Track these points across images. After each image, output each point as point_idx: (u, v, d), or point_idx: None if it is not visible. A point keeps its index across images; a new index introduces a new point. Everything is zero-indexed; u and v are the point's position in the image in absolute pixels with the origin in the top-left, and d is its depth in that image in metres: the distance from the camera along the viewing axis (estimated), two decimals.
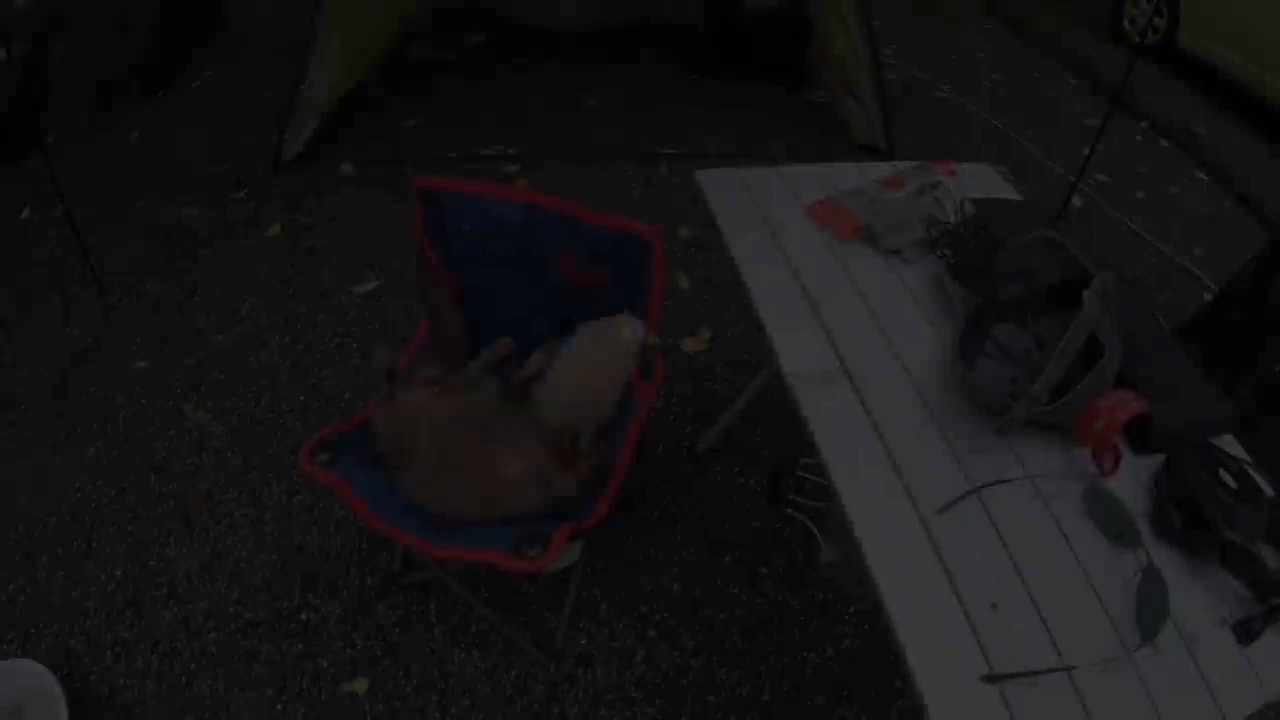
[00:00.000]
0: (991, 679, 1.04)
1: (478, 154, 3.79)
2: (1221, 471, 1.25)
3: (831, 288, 1.66)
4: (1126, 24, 5.77)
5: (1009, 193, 1.95)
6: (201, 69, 4.75)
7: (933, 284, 1.67)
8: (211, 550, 2.34)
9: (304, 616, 2.19)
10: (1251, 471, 1.29)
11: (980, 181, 1.98)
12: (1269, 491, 1.28)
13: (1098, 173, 3.91)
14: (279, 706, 2.03)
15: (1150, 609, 1.12)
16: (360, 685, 2.05)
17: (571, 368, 1.86)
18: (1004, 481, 1.27)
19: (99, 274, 3.18)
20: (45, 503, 2.49)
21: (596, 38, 4.81)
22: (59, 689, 1.96)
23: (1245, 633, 1.13)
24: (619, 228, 1.83)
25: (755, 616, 2.17)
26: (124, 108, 4.35)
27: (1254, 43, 4.71)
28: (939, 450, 1.34)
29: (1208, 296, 3.08)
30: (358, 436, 1.83)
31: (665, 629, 2.15)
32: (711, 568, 2.27)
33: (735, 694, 2.03)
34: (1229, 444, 1.37)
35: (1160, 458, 1.32)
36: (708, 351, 2.89)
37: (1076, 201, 3.66)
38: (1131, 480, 1.31)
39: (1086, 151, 3.49)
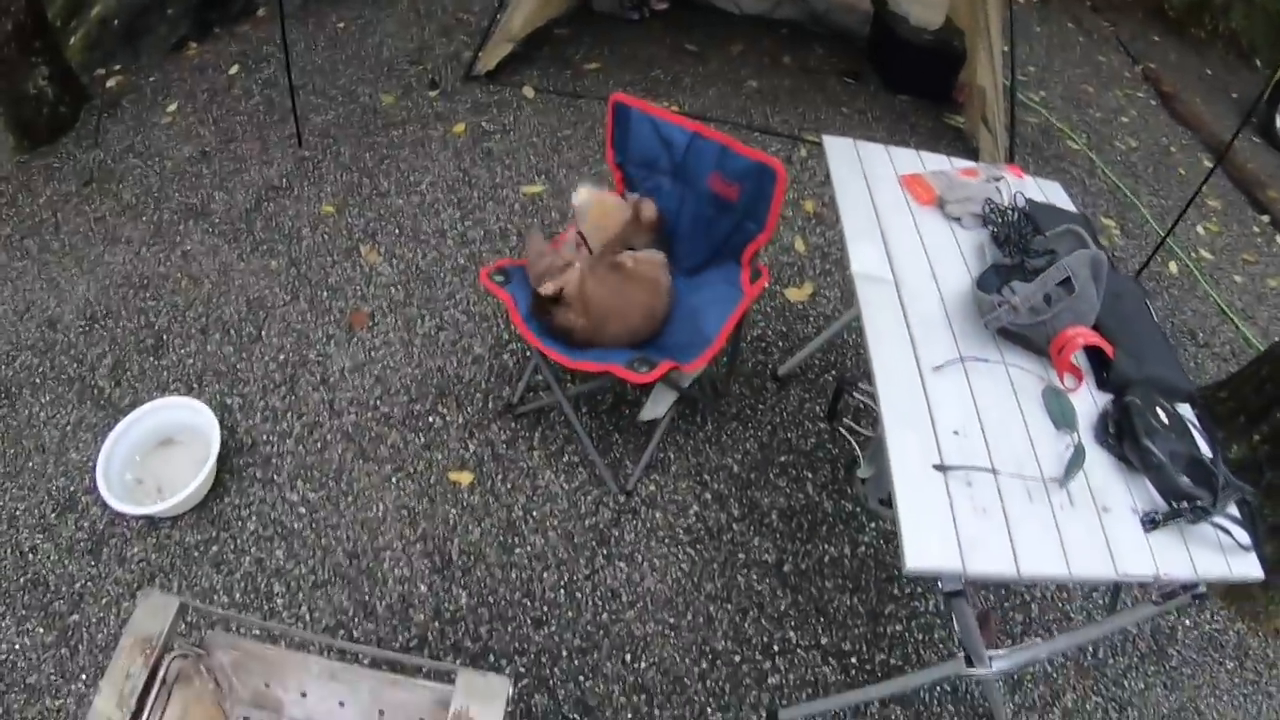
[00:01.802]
0: (939, 468, 1.61)
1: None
2: (1158, 409, 1.78)
3: (899, 230, 2.23)
4: (1279, 122, 6.14)
5: (1069, 205, 2.48)
6: None
7: (977, 247, 2.23)
8: (365, 356, 3.02)
9: (431, 419, 2.85)
10: (1190, 425, 1.81)
11: (1046, 191, 2.51)
12: (1207, 452, 1.78)
13: (1203, 249, 4.34)
14: (394, 480, 2.69)
15: (1072, 469, 1.66)
16: (465, 478, 2.69)
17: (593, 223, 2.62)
18: (985, 360, 1.85)
19: (300, 130, 3.90)
20: (226, 294, 3.23)
21: (771, 26, 5.42)
22: (217, 427, 2.62)
23: (1150, 522, 1.63)
24: (758, 157, 2.43)
25: (793, 507, 2.74)
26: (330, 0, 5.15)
27: None
28: (944, 335, 1.92)
29: None
30: (520, 270, 2.50)
31: (718, 496, 2.73)
32: (768, 461, 2.85)
33: (761, 559, 2.60)
34: (1184, 411, 1.88)
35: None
36: (807, 302, 3.45)
37: (1173, 268, 4.10)
38: (1087, 402, 1.85)
39: (1187, 217, 3.90)
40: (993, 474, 1.62)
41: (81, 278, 3.31)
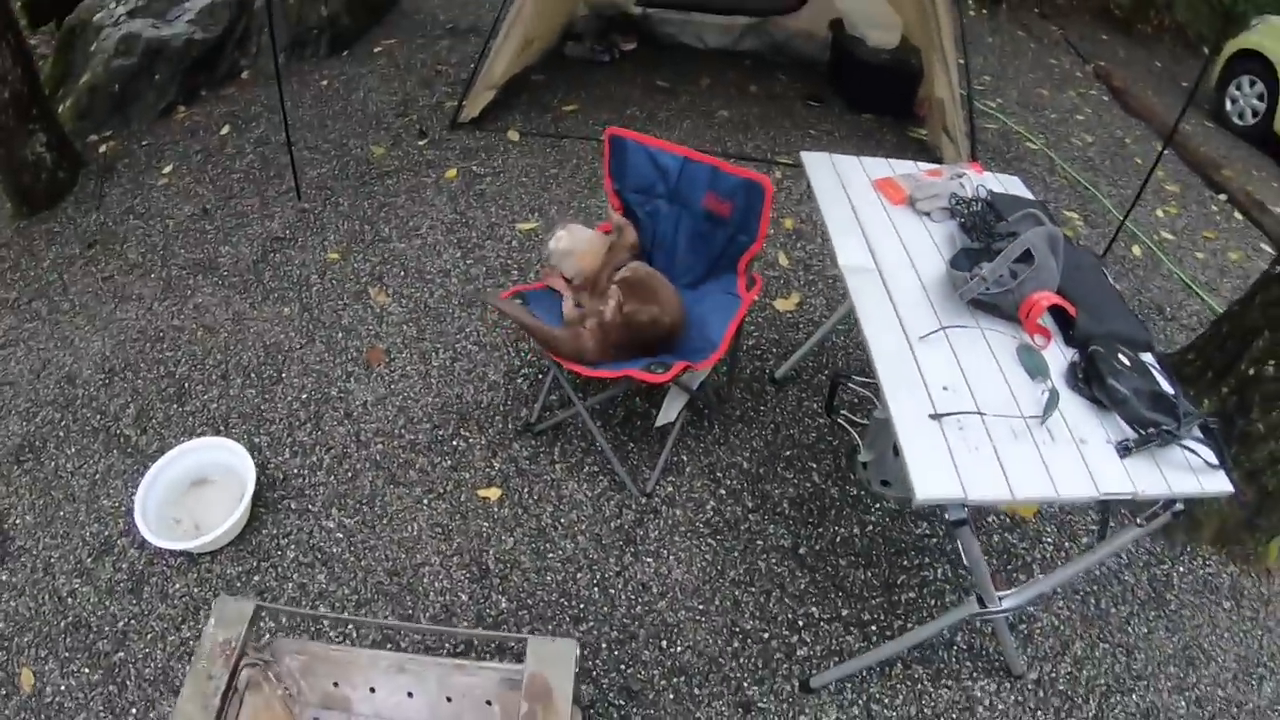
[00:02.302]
0: (934, 416, 1.83)
1: None
2: (1120, 355, 2.01)
3: (877, 227, 2.48)
4: (1228, 104, 6.52)
5: (1027, 194, 2.73)
6: (379, 39, 5.84)
7: (948, 236, 2.48)
8: (385, 389, 3.23)
9: (455, 443, 3.04)
10: (1150, 368, 2.04)
11: (1005, 183, 2.77)
12: (1168, 388, 2.01)
13: (1164, 231, 4.62)
14: (425, 501, 2.88)
15: (1049, 410, 1.89)
16: (493, 493, 2.89)
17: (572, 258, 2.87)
18: (963, 327, 2.10)
19: (299, 183, 4.13)
20: (243, 341, 3.44)
21: (735, 58, 5.74)
22: (251, 462, 2.80)
23: (1124, 450, 1.86)
24: (747, 175, 2.70)
25: (802, 495, 2.94)
26: (312, 60, 5.43)
27: None
28: (926, 311, 2.16)
29: None
30: (538, 294, 2.77)
31: (732, 491, 2.94)
32: (774, 456, 3.06)
33: (778, 544, 2.80)
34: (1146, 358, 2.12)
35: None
36: (795, 311, 3.69)
37: (1136, 251, 4.37)
38: (1057, 356, 2.09)
39: (1146, 202, 4.18)
40: (980, 417, 1.85)
41: (95, 334, 3.51)
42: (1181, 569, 2.84)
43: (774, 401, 3.26)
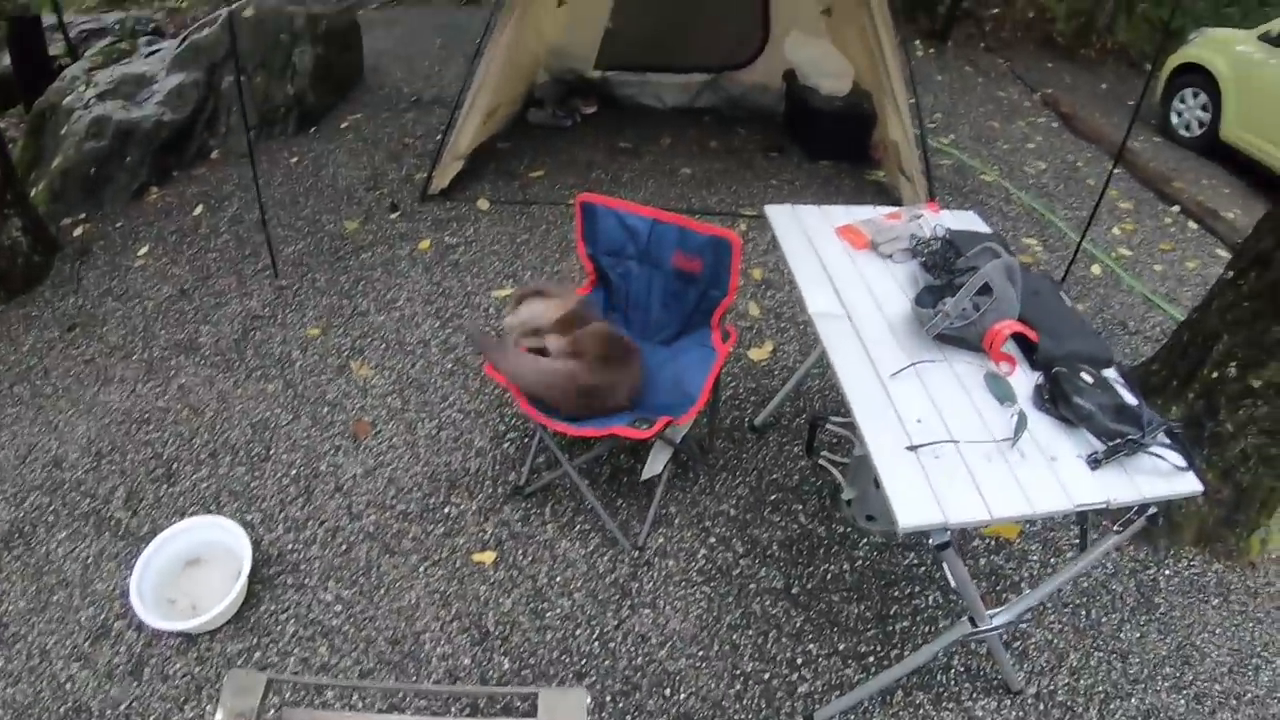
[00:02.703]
0: (911, 448, 1.91)
1: None
2: (1083, 374, 2.11)
3: (843, 272, 2.58)
4: (1174, 118, 6.76)
5: (983, 227, 2.85)
6: (346, 114, 5.97)
7: (910, 276, 2.59)
8: (374, 461, 3.27)
9: (447, 510, 3.09)
10: (1114, 383, 2.14)
11: (962, 219, 2.90)
12: (1131, 400, 2.11)
13: (1122, 248, 4.77)
14: (421, 569, 2.91)
15: (1019, 431, 1.97)
16: (488, 557, 2.93)
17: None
18: (932, 361, 2.20)
19: (275, 260, 4.22)
20: (229, 419, 3.48)
21: (694, 115, 5.92)
22: (246, 539, 2.83)
23: (1094, 462, 1.94)
24: (714, 232, 2.81)
25: (790, 537, 3.01)
26: (281, 138, 5.55)
27: None
28: (895, 349, 2.26)
29: None
30: None
31: (722, 538, 3.00)
32: (760, 501, 3.13)
33: (771, 586, 2.85)
34: (1109, 374, 2.22)
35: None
36: (769, 359, 3.78)
37: (1096, 270, 4.51)
38: (1022, 381, 2.18)
39: (1102, 221, 4.33)
40: (955, 445, 1.94)
41: (80, 418, 3.53)
42: (1167, 572, 2.93)
43: (756, 448, 3.33)
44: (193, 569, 2.91)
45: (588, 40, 5.91)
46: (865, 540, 2.99)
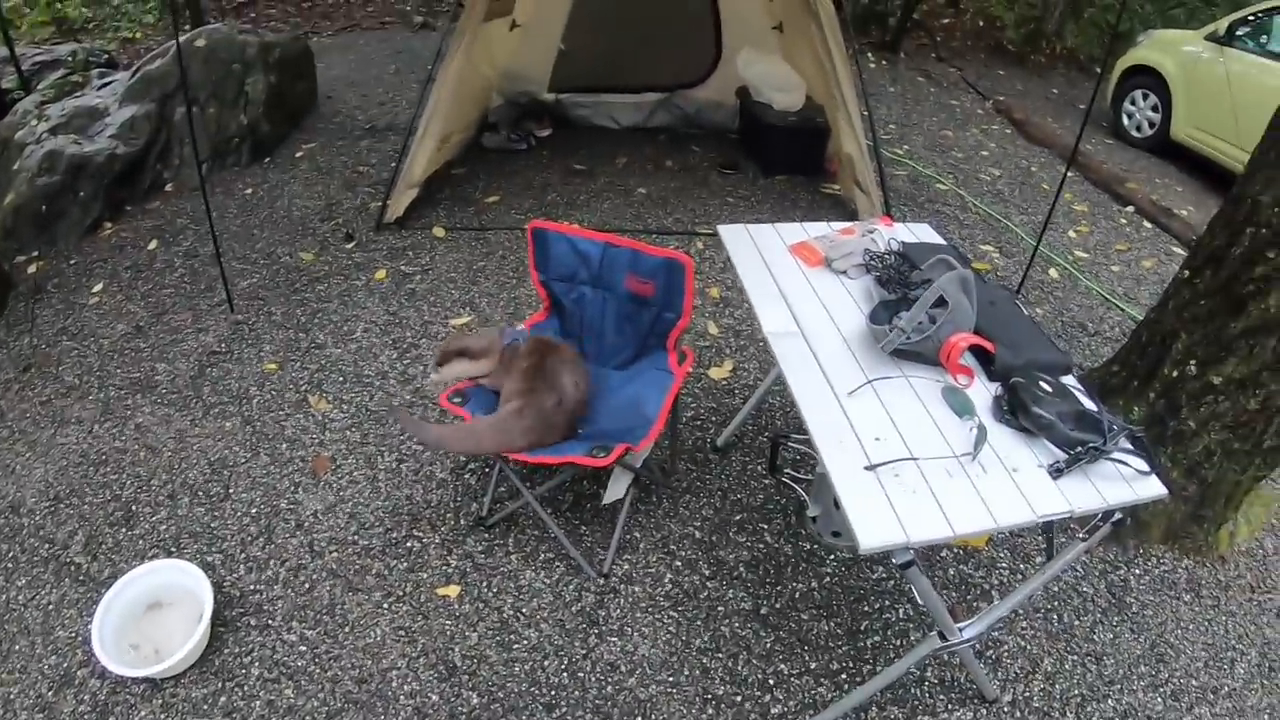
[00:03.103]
0: (869, 468, 1.89)
1: None
2: (1041, 383, 2.10)
3: (797, 290, 2.57)
4: (1125, 119, 6.86)
5: (937, 239, 2.86)
6: (300, 143, 5.92)
7: (865, 292, 2.58)
8: (335, 497, 3.22)
9: (409, 544, 3.04)
10: (1073, 390, 2.14)
11: (916, 231, 2.90)
12: (1092, 406, 2.11)
13: (1078, 250, 4.82)
14: (386, 606, 2.86)
15: (979, 445, 1.96)
16: (452, 590, 2.88)
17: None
18: (889, 378, 2.18)
19: (230, 294, 4.16)
20: (187, 459, 3.40)
21: (649, 134, 5.92)
22: (207, 582, 2.77)
23: (1056, 472, 1.94)
24: (666, 255, 2.79)
25: (757, 557, 2.98)
26: (235, 169, 5.50)
27: (1233, 131, 5.76)
28: (851, 367, 2.24)
29: None
30: (477, 391, 2.83)
31: (688, 561, 2.97)
32: (725, 522, 3.10)
33: (739, 607, 2.83)
34: (1068, 380, 2.22)
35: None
36: (729, 377, 3.77)
37: (1054, 273, 4.54)
38: (981, 393, 2.17)
39: (1058, 225, 4.37)
40: (914, 461, 1.92)
41: (36, 461, 3.44)
42: (1138, 571, 2.94)
43: (719, 469, 3.31)
44: (154, 613, 2.84)
45: (541, 62, 5.90)
46: (832, 556, 2.97)
